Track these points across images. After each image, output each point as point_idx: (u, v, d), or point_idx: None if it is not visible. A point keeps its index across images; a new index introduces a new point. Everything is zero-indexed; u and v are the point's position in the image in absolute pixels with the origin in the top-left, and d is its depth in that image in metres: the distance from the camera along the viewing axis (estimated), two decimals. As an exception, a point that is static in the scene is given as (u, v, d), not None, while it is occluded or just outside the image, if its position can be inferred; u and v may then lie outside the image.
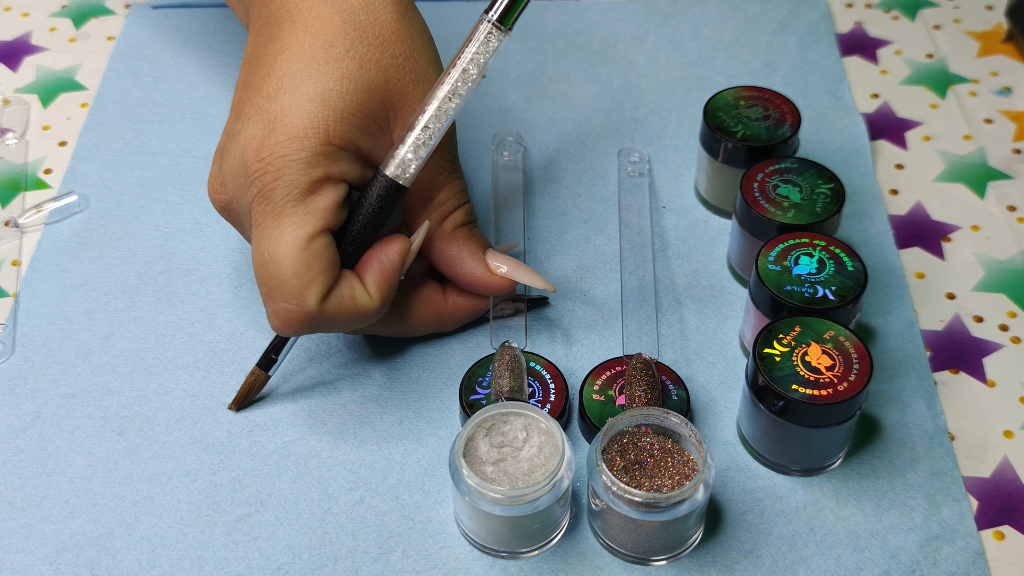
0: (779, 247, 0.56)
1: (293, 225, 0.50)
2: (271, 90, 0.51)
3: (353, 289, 0.52)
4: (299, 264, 0.50)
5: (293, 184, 0.50)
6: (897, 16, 0.80)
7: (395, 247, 0.53)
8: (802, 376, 0.51)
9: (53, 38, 0.78)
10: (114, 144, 0.70)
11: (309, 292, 0.50)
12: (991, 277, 0.63)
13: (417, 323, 0.57)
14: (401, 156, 0.52)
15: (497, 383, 0.54)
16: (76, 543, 0.52)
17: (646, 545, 0.50)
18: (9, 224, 0.66)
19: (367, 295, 0.52)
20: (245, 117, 0.51)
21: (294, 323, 0.51)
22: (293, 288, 0.50)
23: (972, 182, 0.69)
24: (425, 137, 0.52)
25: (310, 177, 0.50)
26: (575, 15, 0.79)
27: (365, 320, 0.52)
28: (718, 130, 0.62)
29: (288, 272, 0.50)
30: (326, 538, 0.52)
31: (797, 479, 0.54)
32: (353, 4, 0.52)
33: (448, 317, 0.58)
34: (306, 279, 0.50)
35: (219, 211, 0.54)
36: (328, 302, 0.51)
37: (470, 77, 0.52)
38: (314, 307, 0.50)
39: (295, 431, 0.56)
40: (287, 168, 0.50)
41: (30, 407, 0.57)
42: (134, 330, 0.60)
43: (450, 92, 0.52)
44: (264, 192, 0.50)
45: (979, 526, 0.53)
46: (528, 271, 0.57)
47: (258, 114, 0.51)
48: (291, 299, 0.50)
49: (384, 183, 0.52)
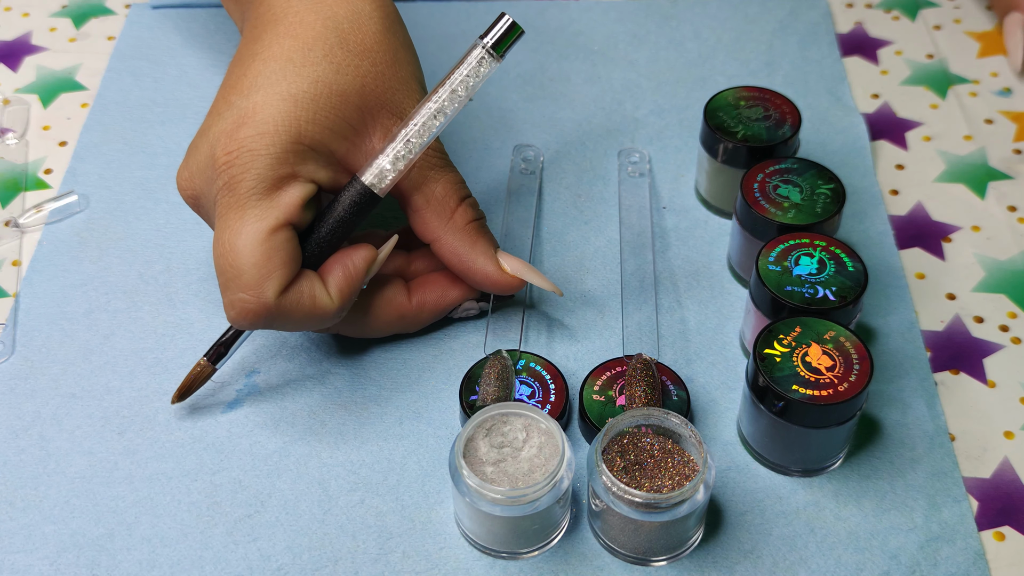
0: (779, 247, 0.56)
1: (256, 217, 0.50)
2: (245, 88, 0.51)
3: (313, 287, 0.51)
4: (259, 255, 0.50)
5: (260, 178, 0.50)
6: (897, 16, 0.80)
7: (361, 254, 0.53)
8: (802, 377, 0.51)
9: (53, 38, 0.78)
10: (114, 144, 0.70)
11: (267, 284, 0.50)
12: (991, 277, 0.63)
13: (380, 323, 0.57)
14: (380, 166, 0.52)
15: (484, 390, 0.54)
16: (76, 543, 0.52)
17: (646, 546, 0.50)
18: (9, 224, 0.66)
19: (327, 296, 0.52)
20: (216, 113, 0.52)
21: (250, 315, 0.50)
22: (251, 279, 0.50)
23: (972, 182, 0.69)
24: (406, 151, 0.52)
25: (277, 173, 0.50)
26: (575, 15, 0.79)
27: (321, 321, 0.52)
28: (718, 130, 0.62)
29: (247, 262, 0.50)
30: (326, 539, 0.52)
31: (797, 480, 0.54)
32: (338, 12, 0.53)
33: (412, 318, 0.58)
34: (265, 271, 0.50)
35: (188, 204, 0.54)
36: (286, 296, 0.51)
37: (457, 98, 0.52)
38: (271, 299, 0.50)
39: (295, 431, 0.56)
40: (255, 162, 0.50)
41: (30, 407, 0.57)
42: (134, 330, 0.60)
43: (437, 110, 0.52)
44: (230, 184, 0.50)
45: (979, 527, 0.53)
46: (537, 273, 0.57)
47: (229, 110, 0.51)
48: (248, 289, 0.50)
49: (359, 189, 0.52)
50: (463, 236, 0.56)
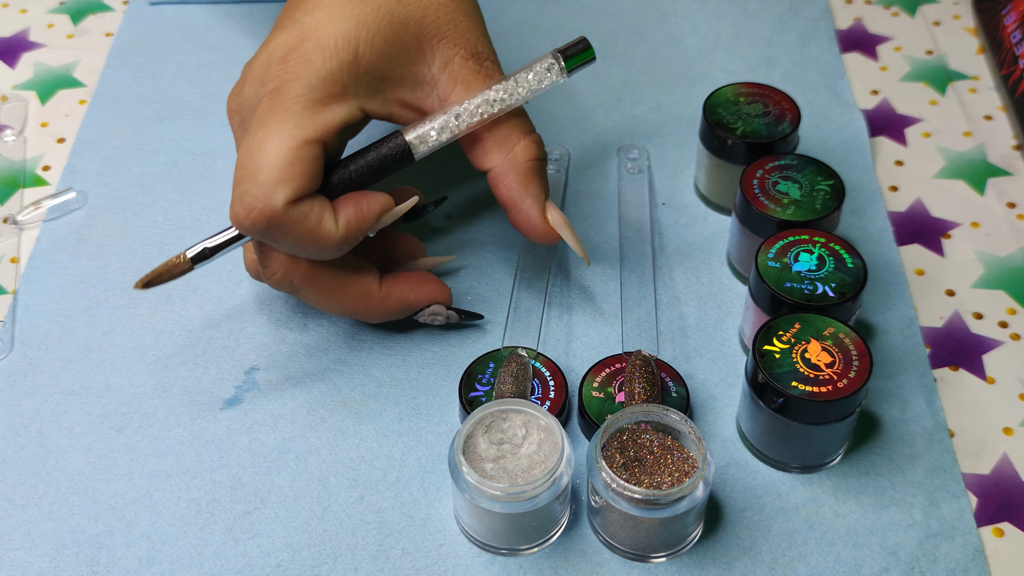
0: (779, 244, 0.56)
1: (293, 124, 0.50)
2: (310, 6, 0.52)
3: (323, 211, 0.51)
4: (283, 159, 0.50)
5: (310, 87, 0.51)
6: (897, 12, 0.80)
7: (378, 198, 0.53)
8: (802, 373, 0.51)
9: (51, 34, 0.78)
10: (112, 141, 0.70)
11: (280, 188, 0.50)
12: (991, 274, 0.63)
13: (346, 298, 0.56)
14: (425, 130, 0.53)
15: (499, 388, 0.54)
16: (75, 540, 0.52)
17: (646, 542, 0.50)
18: (8, 221, 0.65)
19: (334, 224, 0.51)
20: (279, 27, 0.53)
21: (254, 214, 0.50)
22: (268, 178, 0.50)
23: (972, 179, 0.69)
24: (453, 124, 0.53)
25: (327, 89, 0.51)
26: (574, 11, 0.79)
27: (320, 249, 0.52)
28: (718, 126, 0.62)
29: (270, 162, 0.50)
30: (325, 535, 0.52)
31: (796, 476, 0.54)
32: None
33: (377, 304, 0.56)
34: (284, 175, 0.50)
35: (230, 122, 0.55)
36: (295, 208, 0.50)
37: (517, 95, 0.54)
38: (279, 205, 0.50)
39: (294, 428, 0.56)
40: (309, 72, 0.51)
41: (29, 404, 0.57)
42: (133, 327, 0.60)
43: (495, 99, 0.53)
44: (279, 89, 0.51)
45: (978, 523, 0.53)
46: (574, 234, 0.56)
47: (293, 24, 0.52)
48: (261, 188, 0.50)
49: (399, 143, 0.53)
50: (519, 172, 0.55)
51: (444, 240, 0.64)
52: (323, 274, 0.54)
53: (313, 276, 0.54)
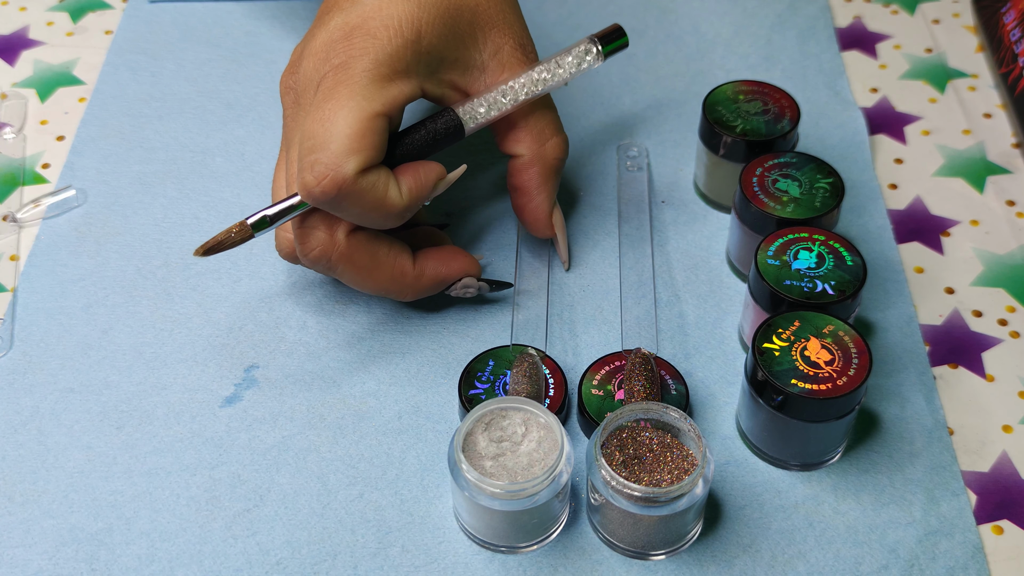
0: (778, 242, 0.56)
1: (364, 97, 0.51)
2: None
3: (389, 180, 0.53)
4: (355, 129, 0.51)
5: (377, 62, 0.52)
6: (896, 10, 0.80)
7: (433, 167, 0.55)
8: (801, 371, 0.51)
9: (51, 32, 0.78)
10: (112, 139, 0.70)
11: (352, 158, 0.51)
12: (990, 272, 0.63)
13: (381, 276, 0.56)
14: (474, 106, 0.56)
15: (515, 388, 0.54)
16: (75, 538, 0.52)
17: (645, 540, 0.50)
18: (7, 219, 0.65)
19: (398, 193, 0.53)
20: (339, 8, 0.54)
21: (326, 182, 0.51)
22: (340, 148, 0.51)
23: (971, 177, 0.69)
24: (501, 102, 0.56)
25: (393, 65, 0.52)
26: (574, 9, 0.79)
27: (386, 216, 0.53)
28: (717, 124, 0.62)
29: (342, 132, 0.51)
30: (325, 533, 0.52)
31: (796, 474, 0.54)
32: None
33: (411, 284, 0.57)
34: (356, 145, 0.51)
35: (282, 94, 0.56)
36: (364, 177, 0.51)
37: (559, 76, 0.57)
38: (350, 174, 0.51)
39: (294, 426, 0.56)
40: (376, 49, 0.52)
41: (29, 402, 0.57)
42: (132, 325, 0.60)
43: (538, 79, 0.56)
44: (345, 63, 0.52)
45: (978, 520, 0.53)
46: (565, 238, 0.62)
47: (352, 7, 0.53)
48: (333, 157, 0.51)
49: (452, 118, 0.55)
50: (544, 166, 0.59)
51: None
52: (360, 252, 0.55)
53: (350, 254, 0.54)
